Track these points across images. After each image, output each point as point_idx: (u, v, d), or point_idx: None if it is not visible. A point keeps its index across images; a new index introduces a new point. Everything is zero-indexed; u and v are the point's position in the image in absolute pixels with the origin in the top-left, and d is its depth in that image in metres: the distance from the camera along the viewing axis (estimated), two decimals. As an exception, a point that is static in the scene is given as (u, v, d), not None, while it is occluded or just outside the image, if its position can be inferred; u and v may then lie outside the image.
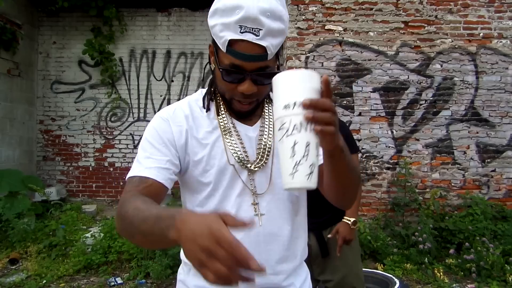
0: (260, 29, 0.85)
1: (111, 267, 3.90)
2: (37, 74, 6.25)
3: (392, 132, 4.76)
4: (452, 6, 4.73)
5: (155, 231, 0.71)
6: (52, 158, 6.24)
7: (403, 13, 4.74)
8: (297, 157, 0.67)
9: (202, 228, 0.57)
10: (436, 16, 4.74)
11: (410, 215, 4.58)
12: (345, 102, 4.75)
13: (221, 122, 1.01)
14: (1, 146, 5.46)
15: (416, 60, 4.74)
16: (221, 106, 1.02)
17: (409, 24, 4.74)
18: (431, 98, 4.75)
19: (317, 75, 0.71)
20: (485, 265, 3.66)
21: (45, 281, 3.63)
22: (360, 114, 4.75)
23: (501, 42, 4.71)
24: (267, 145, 1.01)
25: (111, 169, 6.23)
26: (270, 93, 1.03)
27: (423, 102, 4.76)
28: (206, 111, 1.03)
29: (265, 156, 1.01)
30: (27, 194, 4.98)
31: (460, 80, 4.73)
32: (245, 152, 0.99)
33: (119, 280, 3.64)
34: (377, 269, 3.69)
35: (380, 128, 4.76)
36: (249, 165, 0.98)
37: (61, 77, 6.26)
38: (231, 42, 0.87)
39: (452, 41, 4.73)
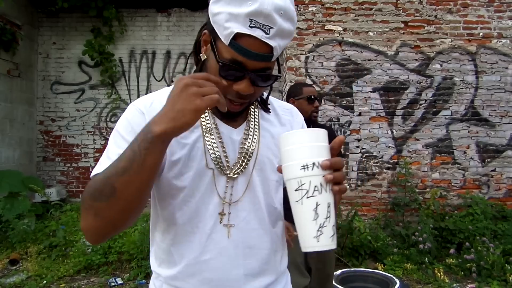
0: (271, 27, 0.77)
1: (111, 267, 3.90)
2: (37, 74, 6.25)
3: (392, 132, 4.76)
4: (452, 6, 4.74)
5: (133, 156, 0.70)
6: (52, 158, 6.24)
7: (403, 13, 4.74)
8: (321, 219, 0.67)
9: (179, 85, 0.70)
10: (435, 16, 4.74)
11: (410, 215, 4.58)
12: (345, 102, 4.75)
13: (203, 120, 0.92)
14: (1, 147, 5.46)
15: (416, 60, 4.74)
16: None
17: (409, 24, 4.74)
18: (431, 98, 4.75)
19: (325, 131, 0.72)
20: (485, 265, 3.66)
21: (45, 281, 3.63)
22: (360, 114, 4.75)
23: (500, 41, 4.72)
24: (250, 150, 0.93)
25: (111, 169, 6.22)
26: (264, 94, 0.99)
27: (423, 102, 4.76)
28: None
29: (245, 161, 0.93)
30: (27, 194, 4.98)
31: (460, 80, 4.73)
32: (225, 155, 0.91)
33: (119, 281, 3.64)
34: (377, 269, 3.69)
35: (380, 128, 4.77)
36: (227, 171, 0.90)
37: (61, 78, 6.26)
38: (237, 36, 0.78)
39: (451, 41, 4.73)
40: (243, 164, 0.92)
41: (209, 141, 0.90)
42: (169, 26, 6.27)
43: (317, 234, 0.66)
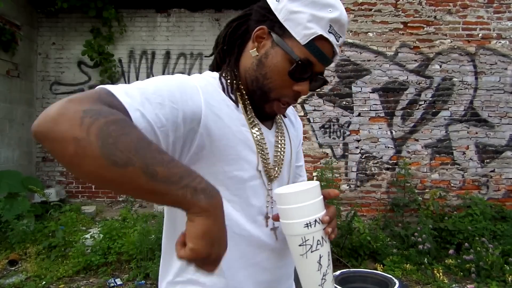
0: (340, 37, 0.83)
1: (111, 268, 3.90)
2: (36, 75, 6.25)
3: (391, 132, 4.76)
4: (451, 7, 4.74)
5: (172, 179, 0.57)
6: (52, 159, 6.23)
7: (402, 13, 4.75)
8: (323, 268, 0.72)
9: (221, 239, 0.63)
10: (435, 17, 4.75)
11: (410, 216, 4.59)
12: (344, 102, 4.75)
13: (250, 117, 0.87)
14: (0, 147, 5.46)
15: (415, 60, 4.75)
16: (247, 101, 0.88)
17: (408, 24, 4.75)
18: (430, 99, 4.76)
19: (318, 184, 0.76)
20: (484, 265, 3.66)
21: (44, 282, 3.63)
22: (359, 115, 4.76)
23: (500, 42, 4.72)
24: (282, 153, 0.93)
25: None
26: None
27: (422, 102, 4.76)
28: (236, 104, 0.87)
29: (280, 164, 0.92)
30: (27, 195, 4.98)
31: (459, 81, 4.74)
32: (267, 157, 0.89)
33: (118, 281, 3.63)
34: (376, 269, 3.69)
35: (379, 128, 4.77)
36: (271, 174, 0.89)
37: (60, 78, 6.26)
38: (316, 38, 0.79)
39: (451, 41, 4.74)
40: (279, 168, 0.92)
41: (258, 141, 0.87)
42: (169, 27, 6.27)
43: (321, 283, 0.72)
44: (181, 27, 6.27)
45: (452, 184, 4.72)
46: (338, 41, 0.82)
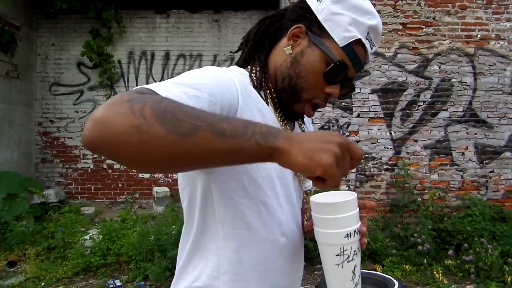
0: (374, 45, 0.83)
1: (110, 269, 3.89)
2: (35, 76, 6.25)
3: (390, 133, 4.77)
4: (450, 8, 4.75)
5: (237, 132, 0.54)
6: (51, 160, 6.23)
7: (401, 14, 4.75)
8: (356, 278, 0.73)
9: (333, 136, 0.59)
10: (434, 18, 4.76)
11: (409, 216, 4.59)
12: (343, 103, 4.76)
13: (280, 119, 0.87)
14: (-1, 148, 5.46)
15: (414, 61, 4.76)
16: (275, 99, 0.87)
17: (407, 25, 4.76)
18: (429, 100, 4.77)
19: (356, 195, 0.74)
20: (483, 266, 3.67)
21: (43, 283, 3.62)
22: (358, 116, 4.76)
23: (498, 43, 4.73)
24: None
25: (110, 171, 6.22)
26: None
27: (422, 103, 4.77)
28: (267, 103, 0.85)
29: None
30: (26, 196, 4.97)
31: (458, 82, 4.75)
32: None
33: (118, 283, 3.63)
34: (376, 270, 3.69)
35: (378, 129, 4.77)
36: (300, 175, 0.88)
37: (59, 79, 6.26)
38: (354, 42, 0.80)
39: (450, 42, 4.75)
40: None
41: None
42: (168, 28, 6.27)
43: None
44: (181, 28, 6.28)
45: (451, 185, 4.73)
46: (371, 49, 0.83)
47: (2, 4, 4.86)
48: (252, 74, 0.85)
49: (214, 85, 0.69)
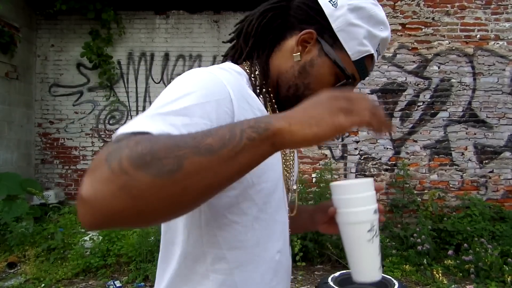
0: (379, 55, 0.81)
1: (110, 270, 3.89)
2: (35, 77, 6.24)
3: (390, 133, 4.77)
4: (449, 8, 4.76)
5: (229, 139, 0.49)
6: (51, 161, 6.23)
7: (401, 15, 4.76)
8: (380, 253, 0.78)
9: (323, 95, 0.55)
10: (433, 18, 4.76)
11: (409, 217, 4.59)
12: (343, 104, 4.76)
13: None
14: (-1, 149, 5.46)
15: (414, 62, 4.76)
16: (274, 105, 0.81)
17: (407, 26, 4.76)
18: (428, 100, 4.77)
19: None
20: (483, 266, 3.67)
21: (43, 284, 3.62)
22: (358, 116, 4.76)
23: (498, 43, 4.74)
24: (293, 160, 0.87)
25: (110, 172, 6.22)
26: None
27: (421, 103, 4.77)
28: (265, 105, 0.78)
29: (292, 174, 0.86)
30: (25, 197, 4.97)
31: (458, 82, 4.75)
32: (289, 166, 0.84)
33: (117, 283, 3.63)
34: (376, 270, 3.68)
35: (378, 129, 4.77)
36: (288, 184, 0.83)
37: (59, 80, 6.26)
38: (366, 56, 0.77)
39: (449, 42, 4.76)
40: (293, 176, 0.86)
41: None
42: (168, 29, 6.27)
43: (380, 265, 0.78)
44: (180, 29, 6.28)
45: (451, 185, 4.73)
46: (377, 59, 0.81)
47: (1, 5, 4.86)
48: (252, 78, 0.77)
49: (205, 102, 0.60)
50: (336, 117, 0.51)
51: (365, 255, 0.77)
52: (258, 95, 0.76)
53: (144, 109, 6.23)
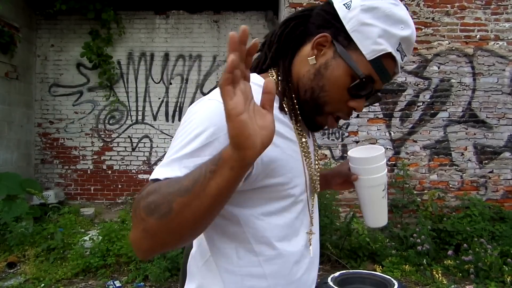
0: (405, 55, 0.79)
1: (110, 270, 3.89)
2: (35, 77, 6.25)
3: (390, 133, 4.77)
4: (449, 8, 4.76)
5: (198, 177, 0.57)
6: (50, 161, 6.23)
7: (400, 15, 4.76)
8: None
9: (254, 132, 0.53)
10: (433, 18, 4.76)
11: (409, 217, 4.59)
12: (343, 104, 4.76)
13: (300, 133, 0.83)
14: (-1, 149, 5.46)
15: (414, 62, 4.76)
16: (298, 111, 0.83)
17: (406, 26, 4.76)
18: (428, 100, 4.77)
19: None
20: (483, 266, 3.67)
21: (43, 284, 3.62)
22: (358, 116, 4.77)
23: (497, 44, 4.74)
24: (316, 164, 0.92)
25: (109, 172, 6.23)
26: None
27: (421, 103, 4.77)
28: (281, 110, 0.81)
29: (318, 178, 0.91)
30: (25, 197, 4.97)
31: (458, 82, 4.75)
32: (312, 170, 0.88)
33: (117, 283, 3.63)
34: (375, 270, 3.69)
35: (378, 130, 4.78)
36: (315, 186, 0.88)
37: (59, 80, 6.26)
38: (383, 55, 0.76)
39: (449, 43, 4.75)
40: (317, 181, 0.90)
41: (306, 154, 0.84)
42: (167, 29, 6.28)
43: (387, 213, 1.01)
44: (180, 29, 6.28)
45: (450, 185, 4.73)
46: (402, 60, 0.79)
47: (1, 5, 4.86)
48: (279, 88, 0.81)
49: (214, 139, 0.66)
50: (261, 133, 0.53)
51: (379, 208, 0.98)
52: (281, 102, 0.80)
53: (143, 109, 6.25)
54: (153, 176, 0.65)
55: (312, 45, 0.78)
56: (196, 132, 0.67)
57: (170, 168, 0.64)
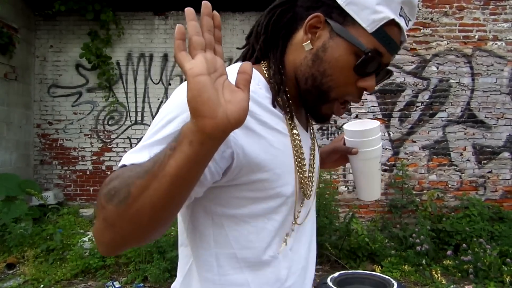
0: (410, 20, 0.70)
1: (109, 271, 3.89)
2: (34, 78, 6.24)
3: (389, 134, 4.78)
4: (448, 9, 4.77)
5: (158, 155, 0.53)
6: (49, 162, 6.23)
7: (399, 15, 4.77)
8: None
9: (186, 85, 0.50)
10: (431, 19, 4.77)
11: (408, 217, 4.60)
12: (342, 104, 4.77)
13: (291, 125, 0.74)
14: (-2, 150, 5.45)
15: (412, 62, 4.77)
16: (292, 105, 0.75)
17: (405, 26, 4.77)
18: (427, 100, 4.78)
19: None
20: (482, 266, 3.67)
21: (42, 285, 3.62)
22: (357, 117, 4.77)
23: (496, 44, 4.75)
24: (315, 163, 0.83)
25: (109, 172, 6.22)
26: None
27: (420, 104, 4.78)
28: (273, 106, 0.72)
29: (313, 175, 0.82)
30: (24, 198, 4.97)
31: (456, 82, 4.76)
32: (304, 169, 0.77)
33: (116, 284, 3.63)
34: (375, 271, 3.69)
35: (377, 130, 4.78)
36: (307, 192, 0.78)
37: (58, 81, 6.25)
38: (385, 24, 0.67)
39: (447, 43, 4.76)
40: (313, 180, 0.81)
41: (297, 151, 0.74)
42: (167, 29, 6.28)
43: (381, 187, 1.08)
44: (179, 29, 6.28)
45: (449, 185, 4.74)
46: (407, 25, 0.70)
47: (0, 6, 4.86)
48: (270, 80, 0.74)
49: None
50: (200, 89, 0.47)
51: (375, 181, 1.01)
52: (276, 97, 0.73)
53: (143, 110, 6.24)
54: (121, 162, 0.60)
55: (304, 29, 0.71)
56: (169, 117, 0.62)
57: (140, 153, 0.59)
